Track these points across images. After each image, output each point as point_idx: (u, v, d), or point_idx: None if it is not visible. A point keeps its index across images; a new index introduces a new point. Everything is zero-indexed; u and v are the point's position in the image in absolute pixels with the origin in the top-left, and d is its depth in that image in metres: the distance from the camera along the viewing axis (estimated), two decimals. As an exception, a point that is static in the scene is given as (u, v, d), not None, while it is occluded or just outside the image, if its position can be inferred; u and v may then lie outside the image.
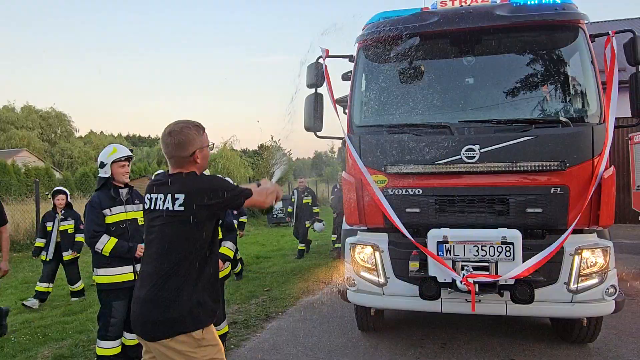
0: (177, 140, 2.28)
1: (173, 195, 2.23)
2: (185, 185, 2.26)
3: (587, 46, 3.96)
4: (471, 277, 3.58)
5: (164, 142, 2.32)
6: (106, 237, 3.93)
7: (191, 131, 2.32)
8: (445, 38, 4.20)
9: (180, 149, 2.29)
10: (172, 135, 2.29)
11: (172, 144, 2.28)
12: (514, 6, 4.09)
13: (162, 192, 2.29)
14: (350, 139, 4.28)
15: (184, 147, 2.29)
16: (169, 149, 2.31)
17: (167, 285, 2.19)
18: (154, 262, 2.26)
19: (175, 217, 2.23)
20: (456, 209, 3.96)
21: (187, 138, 2.29)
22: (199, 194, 2.24)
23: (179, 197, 2.22)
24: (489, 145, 3.84)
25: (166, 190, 2.28)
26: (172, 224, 2.24)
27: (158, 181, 2.40)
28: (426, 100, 4.24)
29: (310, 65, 4.56)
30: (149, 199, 2.36)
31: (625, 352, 4.44)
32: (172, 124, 2.35)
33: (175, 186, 2.27)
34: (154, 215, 2.31)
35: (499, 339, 4.79)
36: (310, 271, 8.78)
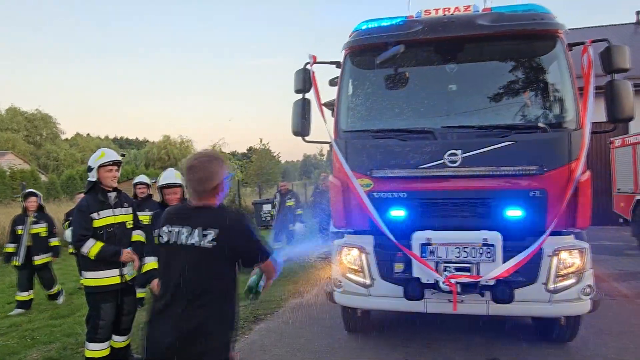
0: (200, 177, 2.27)
1: (202, 230, 2.20)
2: (216, 221, 2.23)
3: (565, 55, 4.12)
4: (453, 278, 3.69)
5: (188, 177, 2.31)
6: (92, 241, 3.96)
7: (212, 165, 2.30)
8: (429, 46, 4.32)
9: (203, 184, 2.28)
10: (194, 172, 2.28)
11: (195, 180, 2.28)
12: (495, 15, 4.23)
13: (186, 225, 2.25)
14: (337, 144, 4.38)
15: (207, 181, 2.28)
16: (192, 184, 2.30)
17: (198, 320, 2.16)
18: (180, 298, 2.19)
19: (203, 254, 2.19)
20: (439, 212, 4.08)
21: (209, 174, 2.28)
22: (233, 231, 2.23)
23: (210, 233, 2.19)
24: (471, 150, 3.96)
25: (192, 223, 2.23)
26: (200, 260, 2.20)
27: (177, 214, 2.36)
28: (410, 106, 4.37)
29: (297, 71, 4.66)
30: (168, 232, 2.29)
31: (604, 350, 4.59)
32: (193, 158, 2.35)
33: (204, 220, 2.23)
34: (176, 250, 2.25)
35: (482, 338, 4.90)
36: (299, 273, 8.84)
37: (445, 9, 4.57)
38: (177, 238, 2.25)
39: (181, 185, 4.33)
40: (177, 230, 2.27)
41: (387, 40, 4.25)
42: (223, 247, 2.18)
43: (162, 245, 2.33)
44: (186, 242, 2.22)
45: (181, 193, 4.34)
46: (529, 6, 4.30)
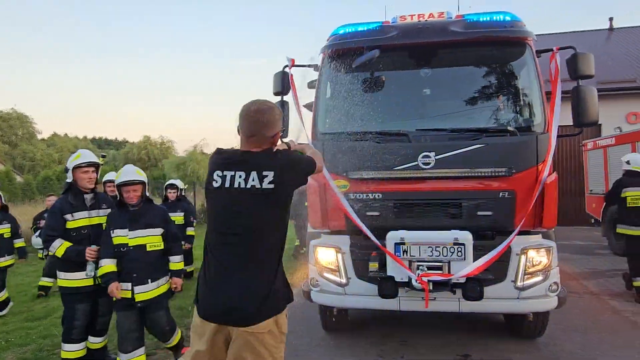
0: (267, 119, 2.19)
1: (260, 172, 2.13)
2: (274, 161, 2.17)
3: (534, 61, 4.28)
4: (425, 276, 3.81)
5: (251, 119, 2.20)
6: (59, 242, 3.96)
7: (277, 112, 2.26)
8: (404, 51, 4.45)
9: (267, 128, 2.20)
10: (262, 113, 2.19)
11: (262, 121, 2.19)
12: (467, 22, 4.38)
13: (242, 169, 2.16)
14: (314, 145, 4.46)
15: (271, 126, 2.21)
16: (255, 127, 2.19)
17: (260, 270, 2.15)
18: (239, 247, 2.15)
19: (262, 196, 2.12)
20: (413, 212, 4.20)
21: (275, 118, 2.23)
22: (288, 168, 2.18)
23: (268, 174, 2.12)
24: (444, 152, 4.09)
25: (249, 167, 2.15)
26: (259, 204, 2.13)
27: (230, 159, 2.24)
28: (386, 109, 4.47)
29: (276, 74, 4.74)
30: (220, 177, 2.19)
31: (571, 345, 4.77)
32: (258, 102, 2.25)
33: (262, 162, 2.16)
34: (232, 195, 2.16)
35: (456, 336, 5.04)
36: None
37: (420, 15, 4.70)
38: (232, 182, 2.16)
39: (143, 182, 4.04)
40: (231, 174, 2.17)
41: (363, 44, 4.36)
42: (281, 186, 2.14)
43: (215, 190, 2.22)
44: (245, 185, 2.13)
45: (142, 191, 4.05)
46: (499, 14, 4.46)
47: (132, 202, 3.99)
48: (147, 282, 3.94)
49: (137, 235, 3.96)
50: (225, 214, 2.19)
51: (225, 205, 2.19)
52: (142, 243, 3.96)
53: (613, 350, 4.61)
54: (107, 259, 3.92)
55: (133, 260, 3.92)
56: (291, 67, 4.75)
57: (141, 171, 4.11)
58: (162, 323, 4.13)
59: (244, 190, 2.13)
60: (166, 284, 4.18)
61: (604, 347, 4.70)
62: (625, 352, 4.56)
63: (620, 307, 6.15)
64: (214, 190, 2.22)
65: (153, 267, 4.02)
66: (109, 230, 3.96)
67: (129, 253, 3.92)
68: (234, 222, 2.17)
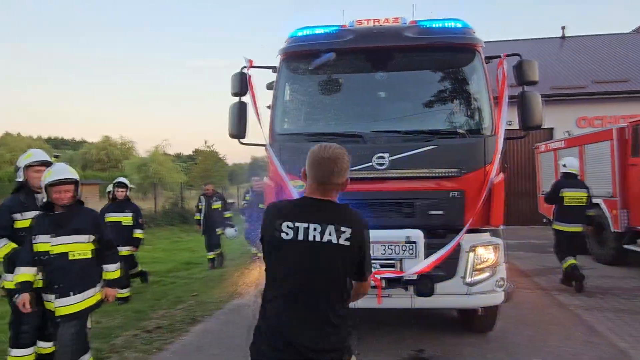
0: (340, 167, 2.09)
1: (338, 227, 2.04)
2: (351, 220, 2.10)
3: (483, 67, 4.47)
4: (378, 274, 3.92)
5: (325, 168, 2.09)
6: (4, 241, 3.85)
7: (347, 159, 2.15)
8: (360, 54, 4.55)
9: (339, 177, 2.11)
10: (337, 162, 2.09)
11: (337, 171, 2.09)
12: (421, 28, 4.53)
13: (316, 221, 2.06)
14: (272, 146, 4.51)
15: (343, 175, 2.12)
16: (330, 176, 2.09)
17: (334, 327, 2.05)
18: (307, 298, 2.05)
19: (338, 252, 2.04)
20: (368, 212, 4.28)
21: (346, 166, 2.13)
22: (362, 232, 2.11)
23: (346, 231, 2.04)
24: (397, 153, 4.21)
25: (324, 220, 2.06)
26: (333, 258, 2.05)
27: (300, 207, 2.14)
28: (342, 110, 4.58)
29: (234, 75, 4.74)
30: (292, 228, 2.07)
31: (519, 339, 5.00)
32: (329, 148, 2.12)
33: (336, 217, 2.08)
34: (306, 248, 2.05)
35: (411, 332, 5.18)
36: (239, 275, 8.87)
37: (376, 20, 4.82)
38: (305, 235, 2.05)
39: (76, 181, 3.70)
40: (304, 226, 2.06)
41: (320, 47, 4.44)
42: (354, 247, 2.06)
43: (285, 243, 2.08)
44: (320, 239, 2.04)
45: (74, 191, 3.69)
46: (451, 21, 4.63)
47: (63, 203, 3.61)
48: (69, 295, 3.56)
49: (61, 242, 3.57)
50: (298, 268, 2.08)
51: (299, 259, 2.08)
52: (64, 251, 3.58)
53: (558, 343, 4.85)
54: (23, 267, 3.54)
55: (56, 270, 3.56)
56: (249, 68, 4.77)
57: (73, 170, 3.78)
58: (66, 340, 3.59)
59: (319, 244, 2.04)
60: (95, 295, 3.75)
61: (550, 340, 4.94)
62: (568, 344, 4.81)
63: (567, 301, 6.48)
64: (283, 243, 2.09)
65: (79, 277, 3.63)
66: (31, 236, 3.61)
67: (51, 262, 3.56)
68: (306, 276, 2.07)
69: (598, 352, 4.57)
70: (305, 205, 2.13)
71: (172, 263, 10.52)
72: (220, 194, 11.00)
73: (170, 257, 11.46)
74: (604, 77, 16.41)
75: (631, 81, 15.93)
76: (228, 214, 10.45)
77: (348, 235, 2.04)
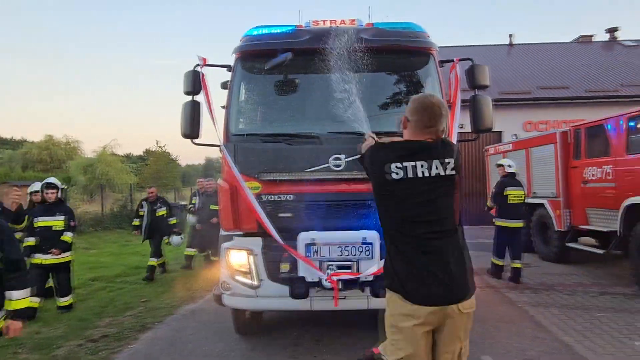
0: (445, 112, 2.35)
1: (443, 160, 2.27)
2: (452, 149, 2.33)
3: (437, 70, 4.55)
4: (335, 276, 3.89)
5: (434, 112, 2.32)
6: None
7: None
8: (316, 54, 4.50)
9: (444, 119, 2.35)
10: (441, 106, 2.34)
11: (441, 114, 2.32)
12: (377, 31, 4.55)
13: (422, 159, 2.26)
14: (226, 147, 4.39)
15: (446, 118, 2.37)
16: (438, 119, 2.32)
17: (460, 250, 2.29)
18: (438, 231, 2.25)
19: (448, 182, 2.28)
20: (324, 213, 4.27)
21: (448, 111, 2.37)
22: (459, 156, 2.38)
23: (450, 162, 2.27)
24: (354, 154, 4.20)
25: (430, 156, 2.27)
26: (446, 190, 2.29)
27: (408, 149, 2.31)
28: (298, 111, 4.53)
29: (187, 73, 4.58)
30: (401, 168, 2.25)
31: (471, 335, 5.04)
32: (432, 96, 2.42)
33: (442, 151, 2.29)
34: (417, 184, 2.25)
35: (367, 332, 5.17)
36: (192, 280, 8.63)
37: (332, 21, 4.81)
38: (414, 172, 2.24)
39: None
40: (412, 164, 2.24)
41: (276, 46, 4.37)
42: (458, 171, 2.32)
43: (396, 182, 2.26)
44: (428, 174, 2.24)
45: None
46: (406, 24, 4.69)
47: None
48: None
49: None
50: (414, 203, 2.26)
51: (412, 194, 2.26)
52: None
53: (507, 339, 5.01)
54: None
55: None
56: (203, 67, 4.63)
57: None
58: None
59: (428, 178, 2.24)
60: None
61: (500, 336, 5.10)
62: (517, 340, 4.98)
63: (515, 298, 6.73)
64: (394, 183, 2.26)
65: None
66: None
67: None
68: (424, 209, 2.26)
69: (545, 347, 4.76)
70: (413, 146, 2.31)
71: (120, 267, 10.06)
72: (165, 199, 10.04)
73: (118, 262, 10.98)
74: (547, 84, 17.27)
75: (571, 88, 16.86)
76: (173, 221, 9.62)
77: (452, 165, 2.30)
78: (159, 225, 9.23)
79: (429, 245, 2.26)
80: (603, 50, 21.63)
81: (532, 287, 7.35)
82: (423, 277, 2.24)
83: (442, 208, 2.30)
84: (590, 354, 4.54)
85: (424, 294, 2.24)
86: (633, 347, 4.71)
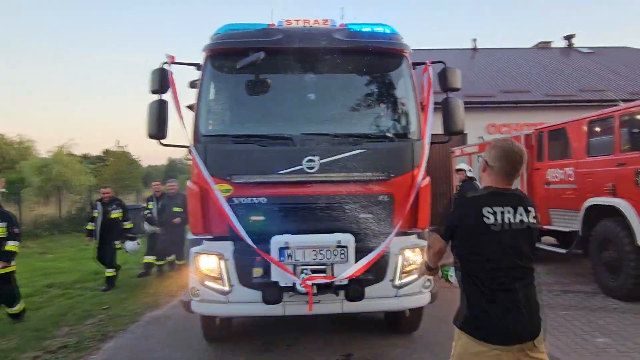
0: (525, 160, 2.42)
1: (527, 208, 2.35)
2: (529, 200, 2.43)
3: (410, 72, 4.55)
4: (309, 280, 3.81)
5: (516, 161, 2.39)
6: None
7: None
8: (289, 54, 4.41)
9: (523, 167, 2.44)
10: (524, 155, 2.41)
11: (524, 162, 2.41)
12: (350, 32, 4.50)
13: (509, 205, 2.35)
14: (196, 148, 4.23)
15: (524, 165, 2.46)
16: (520, 167, 2.41)
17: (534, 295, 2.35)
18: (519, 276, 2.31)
19: (530, 230, 2.36)
20: (298, 216, 4.18)
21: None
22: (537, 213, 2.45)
23: (532, 210, 2.36)
24: (327, 156, 4.14)
25: (517, 204, 2.36)
26: (529, 237, 2.37)
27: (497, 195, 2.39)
28: (271, 112, 4.43)
29: (154, 71, 4.40)
30: (491, 213, 2.31)
31: (441, 337, 5.11)
32: (514, 142, 2.46)
33: (521, 200, 2.39)
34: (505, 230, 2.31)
35: (339, 336, 5.15)
36: (156, 285, 8.33)
37: (305, 21, 4.74)
38: (502, 218, 2.32)
39: None
40: (501, 210, 2.32)
41: (248, 45, 4.25)
42: (537, 225, 2.41)
43: (487, 227, 2.30)
44: (514, 220, 2.32)
45: None
46: (380, 25, 4.66)
47: None
48: None
49: None
50: (501, 248, 2.31)
51: (500, 238, 2.31)
52: None
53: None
54: None
55: None
56: (170, 65, 4.45)
57: None
58: None
59: (513, 224, 2.33)
60: None
61: (469, 336, 5.14)
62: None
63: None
64: (485, 226, 2.32)
65: None
66: None
67: None
68: (509, 254, 2.31)
69: (513, 346, 4.82)
70: (499, 193, 2.40)
71: (79, 273, 9.56)
72: (121, 201, 9.26)
73: (77, 267, 10.46)
74: (510, 87, 17.77)
75: (532, 92, 17.42)
76: (128, 225, 8.87)
77: (534, 214, 2.39)
78: (112, 228, 8.47)
79: (511, 286, 2.32)
80: (561, 57, 22.48)
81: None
82: (505, 317, 2.29)
83: (524, 254, 2.36)
84: (557, 351, 4.63)
85: (507, 332, 2.28)
86: (595, 344, 4.86)
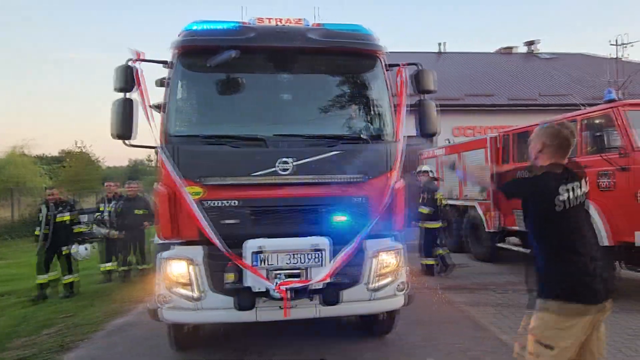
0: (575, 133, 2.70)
1: (585, 179, 2.67)
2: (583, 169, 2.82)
3: (384, 73, 4.51)
4: (284, 285, 3.70)
5: (572, 138, 2.66)
6: None
7: None
8: (261, 53, 4.30)
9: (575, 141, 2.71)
10: (574, 130, 2.70)
11: (575, 136, 2.71)
12: (325, 31, 4.41)
13: (575, 179, 2.61)
14: (165, 149, 4.05)
15: None
16: (573, 139, 2.67)
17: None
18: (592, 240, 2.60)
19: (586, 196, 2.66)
20: (272, 219, 4.07)
21: None
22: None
23: (586, 179, 2.68)
24: (302, 158, 4.05)
25: (578, 177, 2.64)
26: (587, 205, 2.69)
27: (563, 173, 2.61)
28: (243, 112, 4.30)
29: (119, 68, 4.18)
30: (566, 189, 2.54)
31: (414, 338, 5.15)
32: (567, 124, 2.71)
33: (580, 171, 2.73)
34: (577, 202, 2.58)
35: (312, 341, 5.06)
36: (119, 291, 8.00)
37: (278, 20, 4.62)
38: (573, 192, 2.58)
39: None
40: (572, 186, 2.58)
41: (220, 43, 4.10)
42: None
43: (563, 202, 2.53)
44: (580, 192, 2.59)
45: None
46: (354, 26, 4.60)
47: None
48: None
49: None
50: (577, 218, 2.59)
51: (576, 211, 2.58)
52: None
53: (449, 339, 5.09)
54: None
55: None
56: (136, 61, 4.24)
57: None
58: None
59: (581, 196, 2.61)
60: None
61: (442, 337, 5.17)
62: (458, 340, 5.06)
63: (454, 299, 6.91)
64: (563, 202, 2.55)
65: None
66: None
67: None
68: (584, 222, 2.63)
69: (485, 347, 4.88)
70: (563, 169, 2.64)
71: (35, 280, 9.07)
72: (70, 203, 8.53)
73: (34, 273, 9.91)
74: (474, 91, 18.20)
75: (495, 96, 17.91)
76: (79, 228, 8.28)
77: (586, 181, 2.70)
78: (59, 233, 7.91)
79: (591, 252, 2.57)
80: (522, 62, 23.23)
81: (468, 287, 7.59)
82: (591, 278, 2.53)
83: (589, 220, 2.73)
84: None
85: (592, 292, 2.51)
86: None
